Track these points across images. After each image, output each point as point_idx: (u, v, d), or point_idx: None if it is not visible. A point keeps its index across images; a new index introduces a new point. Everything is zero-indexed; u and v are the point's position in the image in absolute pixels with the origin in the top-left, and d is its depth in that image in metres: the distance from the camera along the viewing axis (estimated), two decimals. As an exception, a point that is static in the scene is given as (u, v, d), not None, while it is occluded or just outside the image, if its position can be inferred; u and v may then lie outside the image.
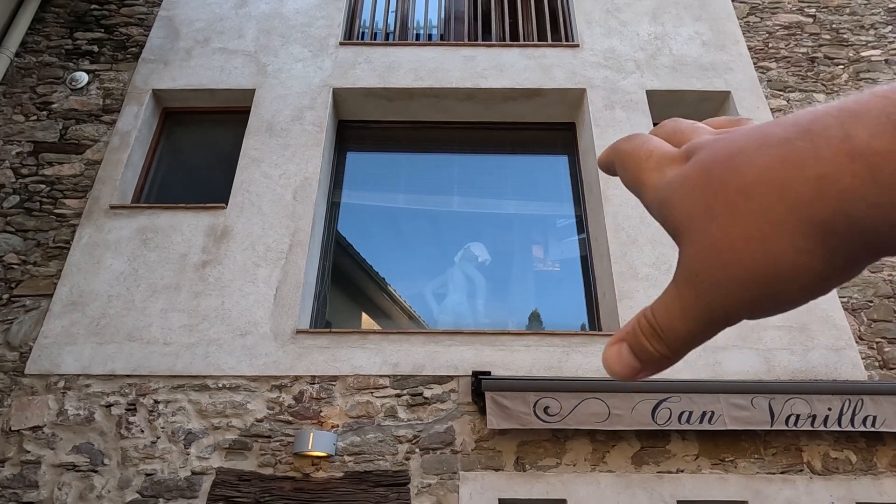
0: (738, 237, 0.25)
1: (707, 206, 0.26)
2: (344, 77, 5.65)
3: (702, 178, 0.26)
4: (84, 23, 6.09)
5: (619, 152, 0.33)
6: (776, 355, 4.22)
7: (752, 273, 0.24)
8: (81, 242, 4.69)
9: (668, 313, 0.28)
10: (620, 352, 0.30)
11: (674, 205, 0.28)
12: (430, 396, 4.10)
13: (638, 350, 0.30)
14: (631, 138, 0.33)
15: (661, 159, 0.30)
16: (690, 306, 0.27)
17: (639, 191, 0.31)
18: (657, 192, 0.29)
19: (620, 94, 5.51)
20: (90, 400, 4.06)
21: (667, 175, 0.29)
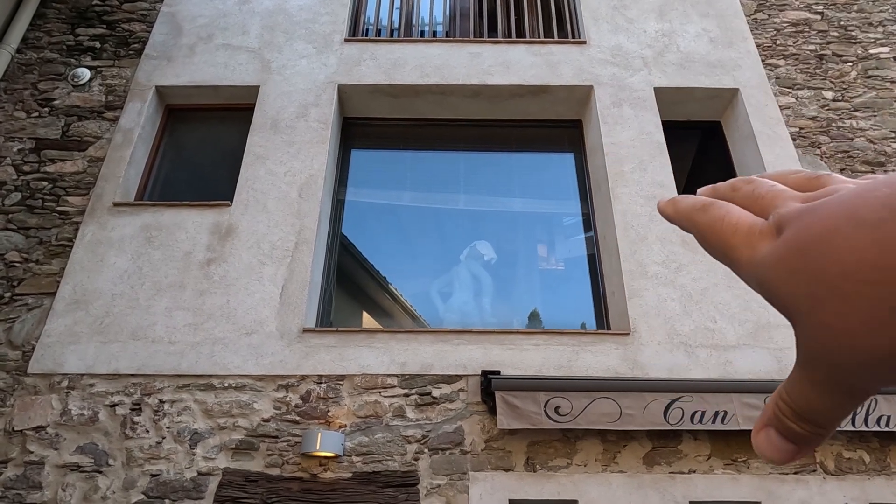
0: (853, 323, 0.24)
1: (810, 291, 0.25)
2: (349, 74, 5.59)
3: (799, 261, 0.25)
4: (86, 18, 6.02)
5: (697, 224, 0.32)
6: (788, 354, 4.18)
7: (877, 356, 0.24)
8: (84, 240, 4.64)
9: (803, 394, 0.28)
10: (770, 438, 0.30)
11: (776, 287, 0.27)
12: (438, 396, 4.05)
13: (787, 433, 0.29)
14: (707, 208, 0.31)
15: (750, 234, 0.29)
16: (821, 386, 0.27)
17: (731, 265, 0.30)
18: (753, 271, 0.28)
19: (628, 92, 5.46)
20: (94, 400, 4.00)
21: (759, 251, 0.28)
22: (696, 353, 4.19)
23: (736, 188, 0.32)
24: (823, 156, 5.17)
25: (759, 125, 5.27)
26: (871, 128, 5.33)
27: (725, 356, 4.18)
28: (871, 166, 5.11)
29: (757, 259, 0.28)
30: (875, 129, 5.33)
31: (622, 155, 5.09)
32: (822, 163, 5.14)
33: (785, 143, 5.19)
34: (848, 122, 5.37)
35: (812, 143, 5.24)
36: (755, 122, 5.28)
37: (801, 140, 5.26)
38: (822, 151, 5.20)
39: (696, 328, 4.29)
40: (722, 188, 0.33)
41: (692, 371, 4.13)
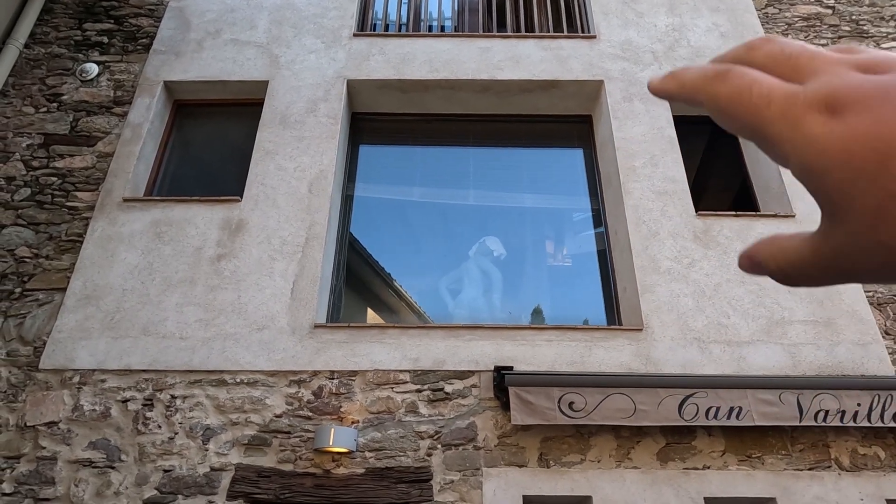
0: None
1: (880, 204, 0.22)
2: (358, 69, 5.57)
3: (874, 164, 0.22)
4: (93, 13, 6.00)
5: (716, 97, 0.27)
6: (802, 350, 4.16)
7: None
8: (94, 236, 4.62)
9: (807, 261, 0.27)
10: (751, 257, 0.30)
11: (827, 181, 0.24)
12: (451, 392, 4.04)
13: (764, 257, 0.29)
14: (726, 77, 0.26)
15: (788, 106, 0.24)
16: (837, 273, 0.27)
17: (761, 142, 0.26)
18: (796, 152, 0.24)
19: (639, 86, 5.43)
20: (106, 395, 3.99)
21: (805, 130, 0.24)
22: (709, 349, 4.17)
23: (754, 47, 0.28)
24: (836, 151, 5.14)
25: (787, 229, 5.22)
26: (884, 122, 5.29)
27: (739, 352, 4.16)
28: (885, 161, 5.07)
29: (802, 140, 0.24)
30: (888, 123, 5.29)
31: (633, 150, 5.06)
32: (835, 158, 5.10)
33: (797, 137, 5.15)
34: (860, 116, 5.33)
35: (824, 138, 5.20)
36: (767, 117, 5.24)
37: (813, 135, 5.22)
38: (835, 146, 5.16)
39: (710, 324, 4.27)
40: (735, 50, 0.29)
41: (706, 367, 4.10)
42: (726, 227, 4.69)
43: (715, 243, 4.62)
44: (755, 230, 4.68)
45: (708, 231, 4.67)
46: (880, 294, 4.46)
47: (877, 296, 4.45)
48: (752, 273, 0.31)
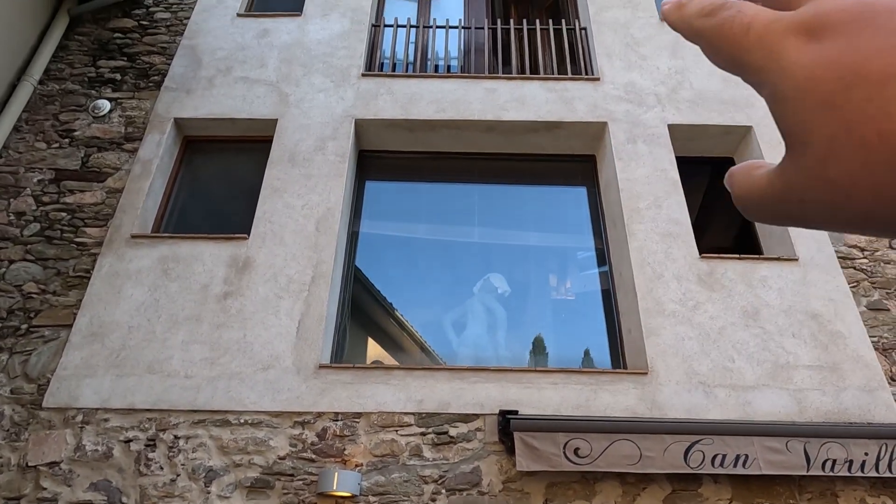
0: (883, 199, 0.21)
1: (834, 137, 0.21)
2: (366, 108, 5.66)
3: (837, 96, 0.21)
4: (107, 51, 6.13)
5: (703, 31, 0.26)
6: (808, 395, 4.15)
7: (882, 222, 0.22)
8: (102, 272, 4.65)
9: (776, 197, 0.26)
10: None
11: (791, 109, 0.23)
12: (455, 435, 4.01)
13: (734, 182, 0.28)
14: (716, 11, 0.26)
15: (766, 32, 0.23)
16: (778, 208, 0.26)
17: (743, 74, 0.25)
18: (770, 80, 0.23)
19: (642, 128, 5.51)
20: (108, 435, 3.97)
21: (781, 53, 0.23)
22: (714, 394, 4.16)
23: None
24: (838, 194, 5.19)
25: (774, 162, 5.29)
26: (885, 166, 5.36)
27: (745, 397, 4.15)
28: (886, 205, 5.12)
29: (774, 66, 0.23)
30: (888, 167, 5.35)
31: (637, 191, 5.11)
32: (837, 201, 5.15)
33: (799, 181, 5.21)
34: (861, 160, 5.40)
35: (826, 182, 5.27)
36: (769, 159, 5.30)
37: (815, 178, 5.28)
38: (837, 190, 5.22)
39: (715, 367, 4.26)
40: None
41: (711, 412, 4.09)
42: (730, 270, 4.72)
43: (719, 286, 4.64)
44: (759, 273, 4.71)
45: (712, 273, 4.69)
46: (885, 339, 4.46)
47: (882, 341, 4.45)
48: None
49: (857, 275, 4.75)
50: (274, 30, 6.30)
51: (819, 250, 4.83)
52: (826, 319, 4.48)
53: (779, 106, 0.23)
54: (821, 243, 4.86)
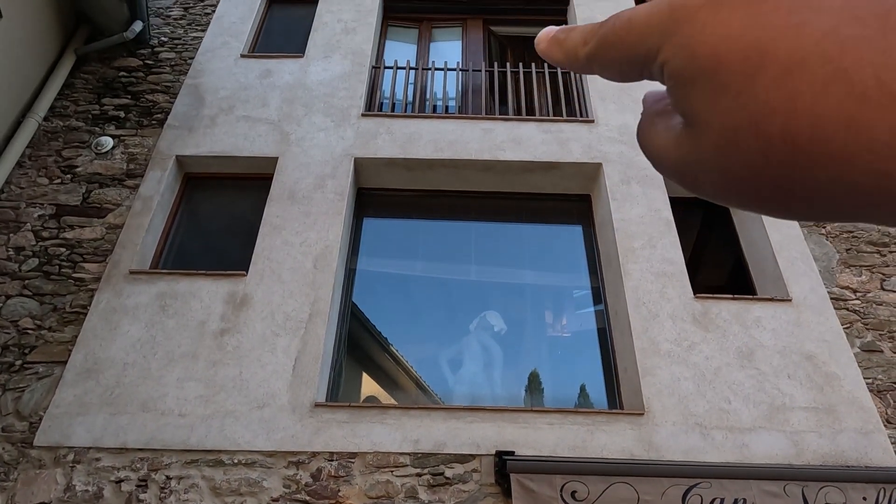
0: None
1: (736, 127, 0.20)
2: (365, 147, 5.76)
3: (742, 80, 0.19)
4: (112, 89, 6.25)
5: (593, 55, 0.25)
6: (804, 438, 4.14)
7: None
8: (99, 308, 4.65)
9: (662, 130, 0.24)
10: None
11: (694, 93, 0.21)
12: (451, 476, 3.97)
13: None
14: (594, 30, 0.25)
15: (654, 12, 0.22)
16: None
17: (646, 73, 0.24)
18: (670, 61, 0.22)
19: (636, 169, 5.62)
20: (99, 475, 3.91)
21: (678, 29, 0.21)
22: (711, 435, 4.15)
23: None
24: (829, 235, 5.28)
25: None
26: (874, 209, 5.46)
27: (741, 439, 4.13)
28: (877, 247, 5.20)
29: (675, 41, 0.21)
30: (877, 209, 5.46)
31: (632, 231, 5.19)
32: (827, 242, 5.24)
33: (791, 222, 5.30)
34: (850, 202, 5.50)
35: (817, 223, 5.36)
36: (760, 202, 5.41)
37: (805, 219, 5.38)
38: (828, 231, 5.31)
39: (711, 409, 4.26)
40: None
41: (708, 454, 4.07)
42: (724, 310, 4.76)
43: (714, 326, 4.67)
44: (753, 313, 4.75)
45: (706, 314, 4.73)
46: (880, 381, 4.48)
47: (876, 383, 4.47)
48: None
49: (849, 316, 4.80)
50: (276, 70, 6.45)
51: (812, 291, 4.88)
52: (821, 361, 4.51)
53: (678, 87, 0.22)
54: (814, 284, 4.92)
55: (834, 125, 0.17)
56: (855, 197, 0.18)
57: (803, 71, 0.18)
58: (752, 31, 0.19)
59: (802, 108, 0.18)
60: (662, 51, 0.22)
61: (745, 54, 0.19)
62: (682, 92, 0.21)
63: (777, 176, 0.19)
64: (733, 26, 0.19)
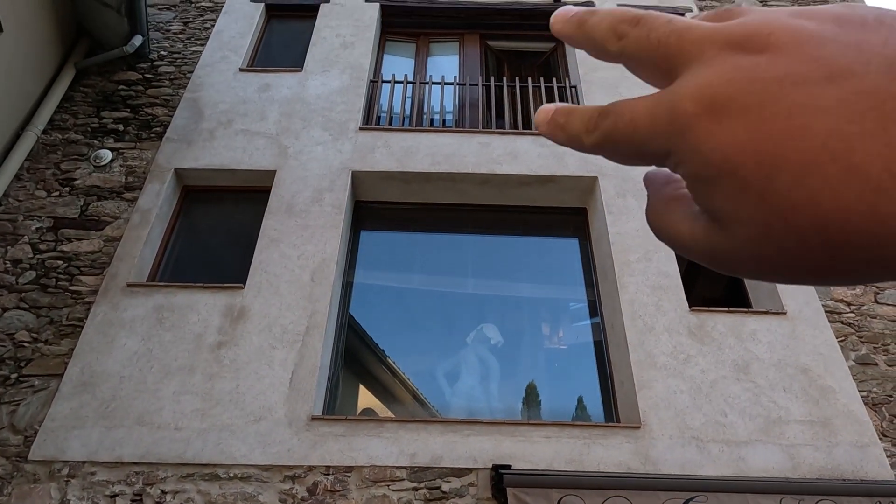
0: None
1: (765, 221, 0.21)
2: (363, 160, 5.80)
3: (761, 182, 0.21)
4: (111, 102, 6.29)
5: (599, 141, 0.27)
6: (800, 451, 4.14)
7: None
8: (96, 320, 4.65)
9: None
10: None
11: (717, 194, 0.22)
12: (448, 490, 3.96)
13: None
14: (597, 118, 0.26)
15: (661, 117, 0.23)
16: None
17: (652, 162, 0.25)
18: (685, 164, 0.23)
19: (632, 183, 5.66)
20: (94, 489, 3.89)
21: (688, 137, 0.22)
22: (707, 449, 4.15)
23: (622, 35, 0.26)
24: (823, 249, 5.31)
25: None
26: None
27: (738, 452, 4.14)
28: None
29: (686, 147, 0.22)
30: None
31: (628, 245, 5.22)
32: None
33: (785, 235, 5.34)
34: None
35: (811, 237, 5.40)
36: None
37: (800, 233, 5.42)
38: (821, 245, 5.34)
39: (707, 422, 4.27)
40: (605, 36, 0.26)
41: (705, 467, 4.07)
42: (720, 323, 4.78)
43: (709, 339, 4.69)
44: (748, 326, 4.77)
45: (702, 326, 4.75)
46: (874, 394, 4.50)
47: (871, 395, 4.49)
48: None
49: (844, 329, 4.82)
50: (275, 84, 6.50)
51: (807, 304, 4.91)
52: (816, 374, 4.52)
53: (697, 187, 0.23)
54: (808, 297, 4.95)
55: (858, 216, 0.19)
56: (891, 270, 0.20)
57: (817, 170, 0.19)
58: (759, 138, 0.20)
59: (825, 203, 0.19)
60: (673, 154, 0.23)
61: (757, 159, 0.20)
62: (704, 191, 0.23)
63: (813, 259, 0.20)
64: (739, 135, 0.21)
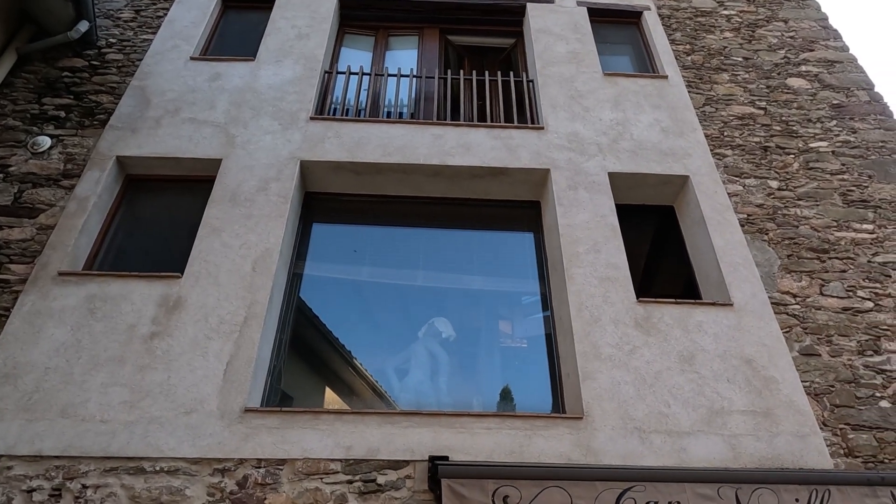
0: None
1: None
2: (312, 150, 5.69)
3: None
4: (54, 89, 6.09)
5: None
6: (742, 441, 4.12)
7: None
8: (23, 310, 4.45)
9: None
10: None
11: None
12: (383, 483, 3.85)
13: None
14: None
15: None
16: None
17: None
18: None
19: (584, 176, 5.64)
20: (10, 484, 3.70)
21: None
22: (649, 439, 4.10)
23: None
24: (771, 242, 5.34)
25: (709, 211, 5.45)
26: (815, 216, 5.55)
27: (679, 443, 4.10)
28: (817, 253, 5.27)
29: None
30: (818, 217, 5.55)
31: (577, 237, 5.18)
32: (770, 248, 5.29)
33: (734, 228, 5.35)
34: (793, 210, 5.59)
35: (760, 230, 5.42)
36: (705, 208, 5.47)
37: (749, 226, 5.44)
38: (770, 238, 5.37)
39: (650, 412, 4.22)
40: None
41: (646, 458, 4.02)
42: (667, 315, 4.75)
43: (656, 330, 4.66)
44: (695, 318, 4.75)
45: (649, 318, 4.72)
46: (817, 384, 4.50)
47: (813, 386, 4.49)
48: None
49: (789, 320, 4.83)
50: (226, 73, 6.36)
51: (753, 296, 4.91)
52: (760, 365, 4.51)
53: None
54: (755, 289, 4.96)
55: None
56: None
57: None
58: None
59: None
60: None
61: None
62: None
63: None
64: None
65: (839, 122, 6.43)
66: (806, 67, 7.05)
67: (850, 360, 4.63)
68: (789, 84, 6.85)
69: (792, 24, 7.62)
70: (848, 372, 4.57)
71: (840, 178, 5.89)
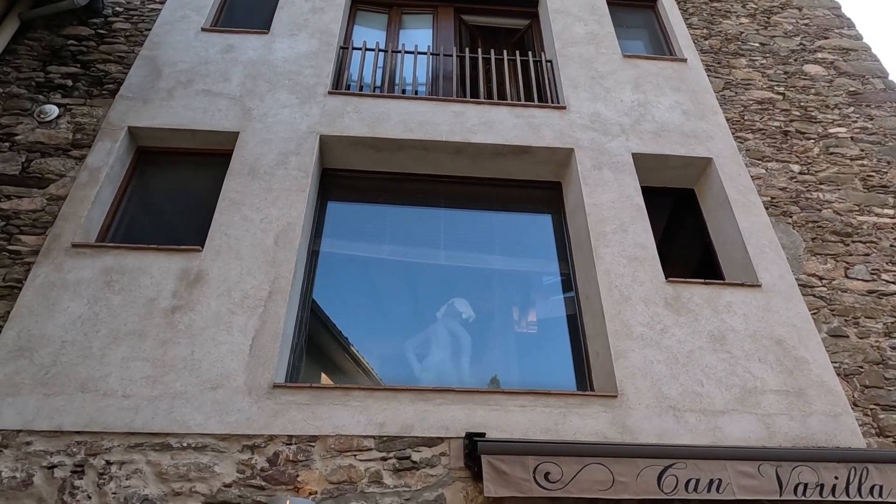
0: None
1: None
2: (332, 125, 5.54)
3: None
4: (59, 57, 5.85)
5: None
6: (776, 420, 4.09)
7: None
8: (36, 282, 4.27)
9: None
10: None
11: None
12: (418, 460, 3.76)
13: None
14: None
15: None
16: None
17: None
18: None
19: (608, 156, 5.57)
20: (30, 460, 3.54)
21: None
22: (684, 418, 4.06)
23: None
24: (795, 225, 5.32)
25: (733, 193, 5.41)
26: (837, 200, 5.55)
27: (714, 422, 4.06)
28: (840, 237, 5.27)
29: None
30: (840, 202, 5.55)
31: (604, 216, 5.11)
32: (794, 231, 5.28)
33: (759, 210, 5.33)
34: (815, 194, 5.59)
35: (784, 213, 5.41)
36: (730, 191, 5.43)
37: (773, 209, 5.42)
38: (794, 220, 5.35)
39: (684, 392, 4.18)
40: None
41: (682, 436, 3.98)
42: (696, 295, 4.71)
43: (686, 310, 4.61)
44: (724, 298, 4.72)
45: (678, 298, 4.67)
46: (846, 365, 4.50)
47: (843, 367, 4.48)
48: None
49: (816, 302, 4.82)
50: (239, 46, 6.17)
51: (780, 277, 4.89)
52: (790, 345, 4.49)
53: None
54: (782, 270, 4.93)
55: None
56: None
57: None
58: None
59: None
60: None
61: None
62: None
63: None
64: None
65: (856, 108, 6.44)
66: (822, 55, 7.05)
67: (878, 342, 4.63)
68: (806, 70, 6.84)
69: (806, 11, 7.62)
70: (876, 353, 4.58)
71: (860, 163, 5.89)
